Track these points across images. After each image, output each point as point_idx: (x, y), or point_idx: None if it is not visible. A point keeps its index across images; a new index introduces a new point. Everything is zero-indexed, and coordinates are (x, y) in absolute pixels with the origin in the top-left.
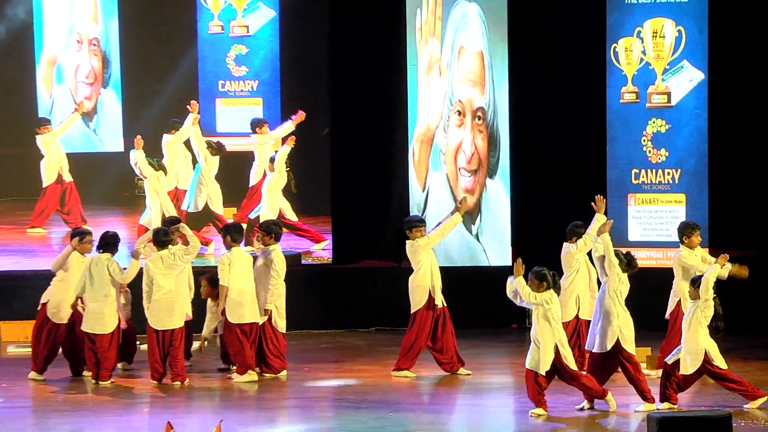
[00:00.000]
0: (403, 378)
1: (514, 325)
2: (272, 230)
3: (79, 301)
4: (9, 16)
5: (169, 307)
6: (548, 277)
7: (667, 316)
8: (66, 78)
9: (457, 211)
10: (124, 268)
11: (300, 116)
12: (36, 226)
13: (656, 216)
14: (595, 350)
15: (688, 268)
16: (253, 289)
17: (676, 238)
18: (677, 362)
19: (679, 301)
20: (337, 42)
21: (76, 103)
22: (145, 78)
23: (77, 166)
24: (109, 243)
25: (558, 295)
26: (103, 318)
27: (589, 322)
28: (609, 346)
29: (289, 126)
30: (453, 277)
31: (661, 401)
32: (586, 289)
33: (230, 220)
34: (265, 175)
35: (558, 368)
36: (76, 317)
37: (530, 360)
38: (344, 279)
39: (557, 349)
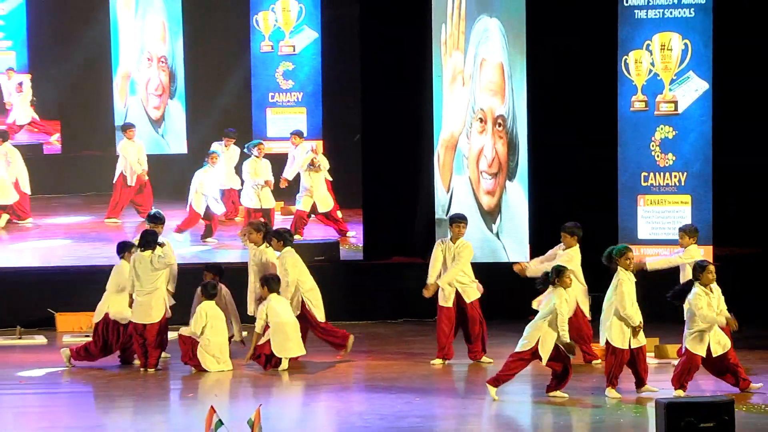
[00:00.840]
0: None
1: (531, 316)
2: (283, 237)
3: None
4: (90, 38)
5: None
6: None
7: None
8: (138, 90)
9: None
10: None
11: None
12: (112, 217)
13: (664, 216)
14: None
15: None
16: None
17: None
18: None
19: None
20: (369, 56)
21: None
22: (205, 90)
23: (149, 166)
24: (149, 241)
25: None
26: (151, 310)
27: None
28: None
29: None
30: (475, 272)
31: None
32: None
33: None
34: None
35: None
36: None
37: None
38: (375, 274)
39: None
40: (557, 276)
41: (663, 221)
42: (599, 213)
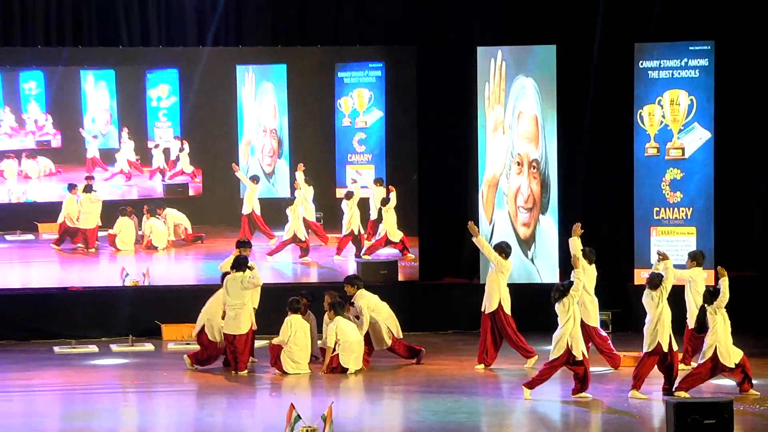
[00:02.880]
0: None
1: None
2: (355, 283)
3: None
4: (223, 115)
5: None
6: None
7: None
8: (256, 152)
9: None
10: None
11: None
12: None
13: (673, 244)
14: None
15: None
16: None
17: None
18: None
19: None
20: (424, 110)
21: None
22: (303, 152)
23: (261, 206)
24: (240, 264)
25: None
26: (239, 322)
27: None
28: None
29: None
30: (513, 291)
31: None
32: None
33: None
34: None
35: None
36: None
37: None
38: (428, 292)
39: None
40: (568, 288)
41: (672, 249)
42: (618, 242)
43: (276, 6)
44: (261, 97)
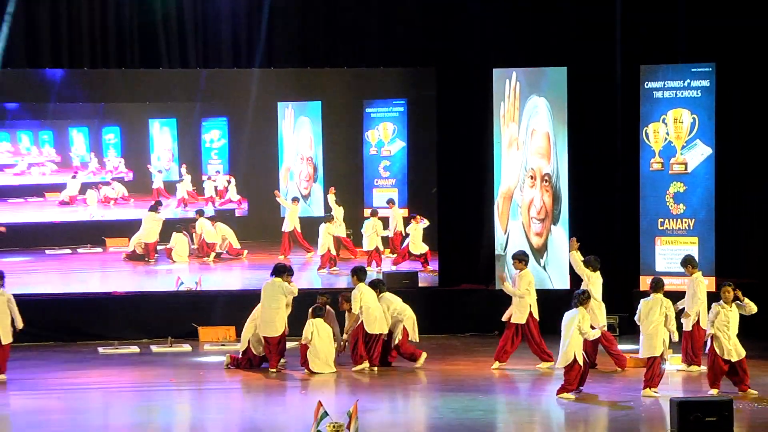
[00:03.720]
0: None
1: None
2: (378, 286)
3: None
4: (265, 146)
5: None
6: None
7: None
8: (294, 178)
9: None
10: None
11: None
12: (282, 254)
13: (676, 253)
14: None
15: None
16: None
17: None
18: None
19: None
20: (444, 127)
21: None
22: (334, 177)
23: (302, 224)
24: (279, 270)
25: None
26: (274, 324)
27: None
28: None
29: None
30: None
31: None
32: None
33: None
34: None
35: None
36: None
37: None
38: (448, 297)
39: None
40: (582, 297)
41: (676, 257)
42: (625, 251)
43: (305, 31)
44: (299, 129)
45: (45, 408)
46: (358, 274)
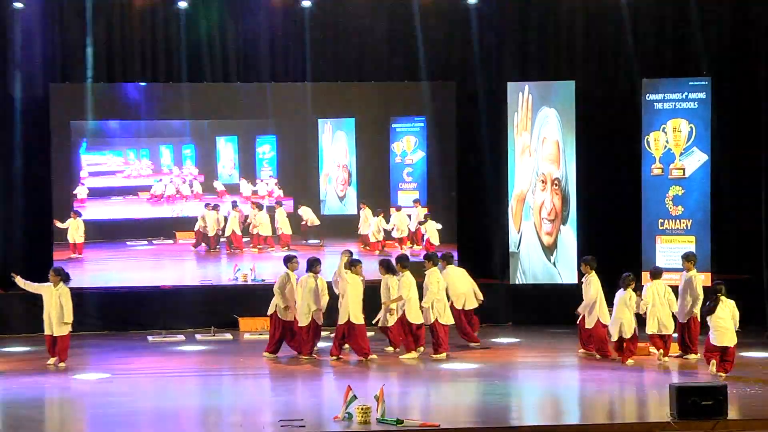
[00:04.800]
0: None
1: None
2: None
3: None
4: (307, 156)
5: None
6: None
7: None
8: (332, 181)
9: None
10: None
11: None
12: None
13: (675, 251)
14: None
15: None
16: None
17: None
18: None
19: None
20: (463, 136)
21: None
22: (367, 182)
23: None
24: (312, 264)
25: None
26: (300, 316)
27: None
28: None
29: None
30: (539, 290)
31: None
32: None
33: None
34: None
35: None
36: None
37: None
38: None
39: None
40: (628, 280)
41: (674, 255)
42: (628, 249)
43: (336, 47)
44: (336, 141)
45: (103, 391)
46: (402, 261)
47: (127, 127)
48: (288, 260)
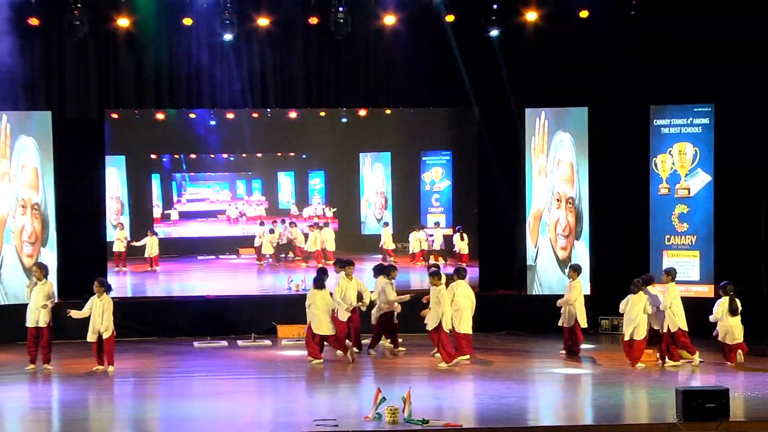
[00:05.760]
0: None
1: (592, 330)
2: (436, 273)
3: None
4: (349, 184)
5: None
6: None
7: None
8: (371, 206)
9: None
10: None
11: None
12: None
13: (681, 265)
14: None
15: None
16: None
17: (694, 278)
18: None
19: None
20: (484, 158)
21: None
22: (402, 204)
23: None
24: (317, 281)
25: None
26: (323, 324)
27: None
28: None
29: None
30: (554, 300)
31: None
32: None
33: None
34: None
35: None
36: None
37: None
38: (486, 301)
39: None
40: (638, 284)
41: (680, 268)
42: (637, 263)
43: (366, 75)
44: (375, 172)
45: (148, 393)
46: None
47: (215, 162)
48: (345, 264)
